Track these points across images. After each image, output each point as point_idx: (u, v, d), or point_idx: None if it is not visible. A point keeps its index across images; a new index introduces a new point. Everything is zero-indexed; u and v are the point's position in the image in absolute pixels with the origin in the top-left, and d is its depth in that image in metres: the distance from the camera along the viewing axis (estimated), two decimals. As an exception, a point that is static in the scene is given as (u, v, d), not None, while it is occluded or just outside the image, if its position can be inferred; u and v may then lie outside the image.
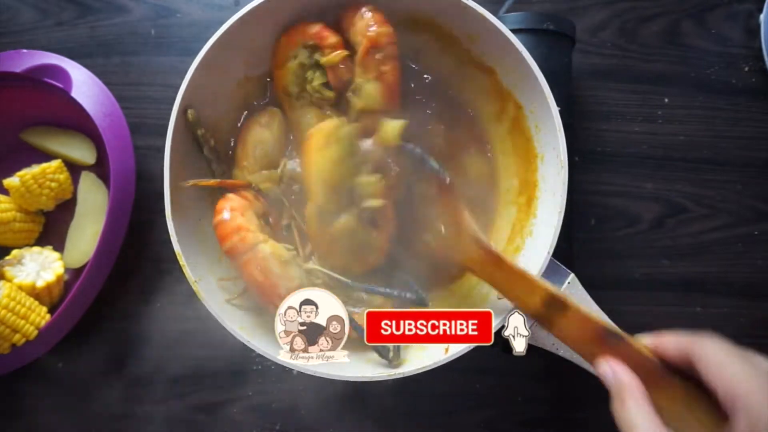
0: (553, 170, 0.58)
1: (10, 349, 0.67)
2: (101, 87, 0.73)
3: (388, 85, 0.61)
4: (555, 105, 0.57)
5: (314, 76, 0.63)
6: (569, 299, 0.50)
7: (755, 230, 0.77)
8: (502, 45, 0.59)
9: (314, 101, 0.64)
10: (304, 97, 0.64)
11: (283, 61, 0.64)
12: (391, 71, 0.61)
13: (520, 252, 0.62)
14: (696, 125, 0.78)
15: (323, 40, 0.62)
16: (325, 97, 0.64)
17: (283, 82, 0.65)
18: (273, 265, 0.58)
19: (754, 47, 0.79)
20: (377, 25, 0.60)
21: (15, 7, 0.82)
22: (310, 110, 0.64)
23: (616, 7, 0.80)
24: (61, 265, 0.72)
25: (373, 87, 0.61)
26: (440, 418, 0.73)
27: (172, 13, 0.81)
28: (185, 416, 0.74)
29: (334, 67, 0.62)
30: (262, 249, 0.58)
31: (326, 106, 0.65)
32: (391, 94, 0.62)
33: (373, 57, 0.60)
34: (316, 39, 0.62)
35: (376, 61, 0.61)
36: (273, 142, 0.65)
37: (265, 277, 0.58)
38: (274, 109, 0.66)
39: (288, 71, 0.64)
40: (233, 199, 0.61)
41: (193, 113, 0.62)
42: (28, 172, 0.71)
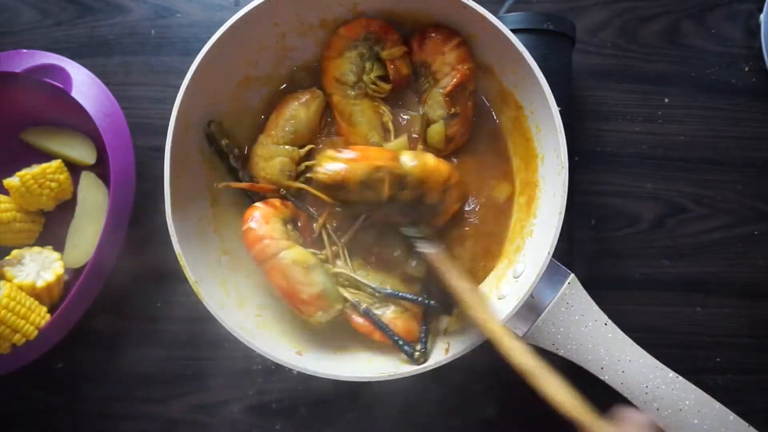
0: (554, 171, 0.58)
1: (10, 349, 0.67)
2: (101, 87, 0.73)
3: (467, 119, 0.66)
4: (555, 105, 0.57)
5: (372, 68, 0.65)
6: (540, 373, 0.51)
7: (755, 230, 0.77)
8: (502, 45, 0.59)
9: (369, 92, 0.66)
10: (360, 87, 0.66)
11: (340, 51, 0.65)
12: (472, 106, 0.66)
13: (520, 252, 0.62)
14: (696, 125, 0.78)
15: (386, 34, 0.65)
16: (381, 90, 0.66)
17: (337, 72, 0.66)
18: (295, 271, 0.59)
19: (754, 47, 0.79)
20: (467, 62, 0.64)
21: (15, 7, 0.82)
22: (363, 102, 0.66)
23: (616, 7, 0.80)
24: (61, 265, 0.72)
25: (455, 123, 0.65)
26: (440, 418, 0.73)
27: (172, 13, 0.81)
28: (185, 416, 0.74)
29: (394, 60, 0.65)
30: (285, 256, 0.59)
31: (379, 99, 0.67)
32: (469, 128, 0.67)
33: (463, 92, 0.65)
34: (379, 32, 0.64)
35: (464, 96, 0.65)
36: (305, 122, 0.66)
37: (287, 283, 0.59)
38: (317, 91, 0.67)
39: (345, 60, 0.65)
40: (260, 208, 0.62)
41: (216, 125, 0.64)
42: (28, 172, 0.71)
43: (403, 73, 0.66)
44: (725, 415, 0.56)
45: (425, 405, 0.73)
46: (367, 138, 0.66)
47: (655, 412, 0.57)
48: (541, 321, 0.59)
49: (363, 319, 0.61)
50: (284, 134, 0.66)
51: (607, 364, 0.58)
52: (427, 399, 0.73)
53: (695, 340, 0.75)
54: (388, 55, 0.65)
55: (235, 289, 0.63)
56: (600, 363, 0.58)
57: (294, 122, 0.66)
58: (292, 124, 0.66)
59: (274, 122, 0.66)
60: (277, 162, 0.65)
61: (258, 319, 0.62)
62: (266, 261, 0.60)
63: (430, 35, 0.64)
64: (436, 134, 0.65)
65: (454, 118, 0.64)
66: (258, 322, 0.62)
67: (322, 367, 0.58)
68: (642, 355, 0.58)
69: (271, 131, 0.66)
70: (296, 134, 0.66)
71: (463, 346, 0.58)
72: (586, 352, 0.59)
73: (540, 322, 0.59)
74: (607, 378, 0.58)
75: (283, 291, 0.59)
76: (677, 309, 0.75)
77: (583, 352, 0.59)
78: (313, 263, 0.60)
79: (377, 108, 0.67)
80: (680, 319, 0.75)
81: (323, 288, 0.59)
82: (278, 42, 0.66)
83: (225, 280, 0.63)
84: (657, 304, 0.75)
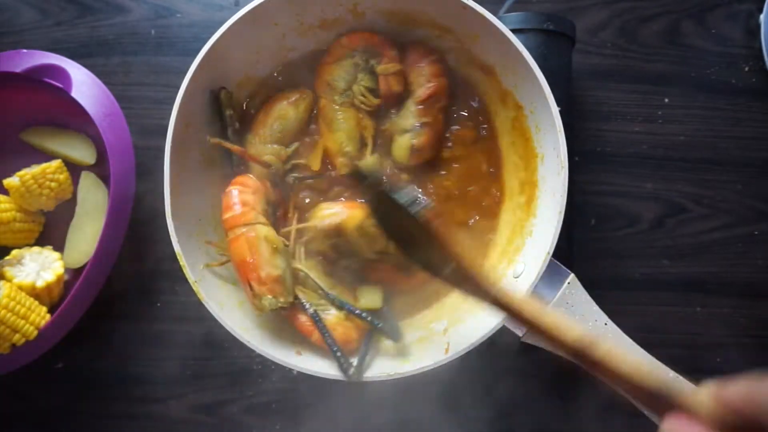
0: (553, 170, 0.58)
1: (10, 349, 0.67)
2: (101, 87, 0.73)
3: (436, 132, 0.66)
4: (555, 105, 0.57)
5: (364, 79, 0.66)
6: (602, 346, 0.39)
7: (755, 230, 0.77)
8: (502, 45, 0.59)
9: (356, 102, 0.66)
10: (348, 95, 0.66)
11: (337, 58, 0.66)
12: (442, 120, 0.67)
13: (520, 252, 0.62)
14: (696, 125, 0.78)
15: (386, 49, 0.65)
16: (369, 102, 0.66)
17: (330, 76, 0.66)
18: (263, 248, 0.59)
19: (754, 47, 0.79)
20: (443, 76, 0.66)
21: (15, 7, 0.82)
22: (347, 110, 0.66)
23: (616, 7, 0.80)
24: (61, 265, 0.72)
25: (423, 133, 0.65)
26: (440, 418, 0.73)
27: (172, 13, 0.81)
28: (185, 416, 0.74)
29: (388, 76, 0.65)
30: (259, 229, 0.60)
31: (365, 112, 0.67)
32: (437, 142, 0.67)
33: (434, 104, 0.65)
34: (378, 46, 0.65)
35: (435, 108, 0.66)
36: (294, 122, 0.67)
37: (251, 255, 0.59)
38: (307, 91, 0.68)
39: (340, 67, 0.66)
40: (251, 179, 0.63)
41: (227, 94, 0.64)
42: (28, 172, 0.71)
43: (394, 90, 0.66)
44: (725, 415, 0.56)
45: (425, 405, 0.73)
46: (342, 146, 0.66)
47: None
48: (541, 321, 0.59)
49: (305, 318, 0.61)
50: (272, 133, 0.66)
51: (607, 364, 0.58)
52: (427, 399, 0.73)
53: (695, 340, 0.75)
54: (383, 70, 0.65)
55: (235, 288, 0.63)
56: (600, 363, 0.58)
57: (283, 121, 0.66)
58: (280, 123, 0.66)
59: (263, 122, 0.66)
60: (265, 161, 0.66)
61: (258, 319, 0.62)
62: (238, 227, 0.59)
63: (409, 49, 0.66)
64: (399, 148, 0.66)
65: (424, 128, 0.65)
66: (258, 322, 0.62)
67: (321, 367, 0.58)
68: (642, 355, 0.58)
69: (259, 130, 0.66)
70: (284, 133, 0.66)
71: (463, 346, 0.58)
72: (586, 352, 0.58)
73: (540, 322, 0.59)
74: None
75: (243, 263, 0.59)
76: (677, 309, 0.75)
77: (583, 352, 0.58)
78: (281, 248, 0.61)
79: (361, 120, 0.67)
80: (680, 319, 0.75)
81: (282, 275, 0.59)
82: (278, 42, 0.66)
83: (225, 280, 0.63)
84: (657, 304, 0.75)
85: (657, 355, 0.58)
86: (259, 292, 0.58)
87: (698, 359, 0.74)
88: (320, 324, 0.59)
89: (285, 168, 0.67)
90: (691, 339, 0.75)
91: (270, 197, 0.64)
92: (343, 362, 0.57)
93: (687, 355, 0.74)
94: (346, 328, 0.61)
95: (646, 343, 0.59)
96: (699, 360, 0.74)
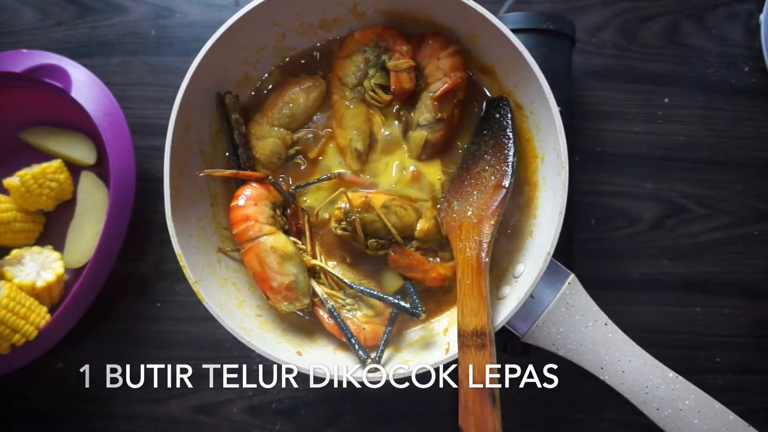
0: (554, 171, 0.58)
1: (10, 349, 0.67)
2: (101, 87, 0.73)
3: (452, 127, 0.66)
4: (555, 105, 0.57)
5: (375, 75, 0.65)
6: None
7: (755, 230, 0.77)
8: (502, 45, 0.59)
9: (366, 98, 0.66)
10: (358, 91, 0.66)
11: (349, 52, 0.66)
12: (458, 115, 0.66)
13: (520, 252, 0.62)
14: (696, 125, 0.78)
15: (397, 45, 0.65)
16: (379, 99, 0.66)
17: (341, 72, 0.66)
18: (271, 258, 0.60)
19: (754, 47, 0.79)
20: (461, 70, 0.64)
21: (15, 7, 0.82)
22: (358, 106, 0.66)
23: (616, 7, 0.80)
24: (61, 265, 0.72)
25: (439, 128, 0.65)
26: (440, 418, 0.73)
27: (172, 13, 0.81)
28: (185, 416, 0.74)
29: (399, 72, 0.64)
30: (265, 241, 0.60)
31: (375, 108, 0.67)
32: (452, 136, 0.67)
33: (452, 99, 0.65)
34: (390, 41, 0.65)
35: (452, 103, 0.65)
36: (304, 108, 0.67)
37: (261, 268, 0.60)
38: (321, 80, 0.68)
39: (351, 62, 0.66)
40: (252, 188, 0.63)
41: (231, 98, 0.64)
42: (28, 172, 0.71)
43: (405, 86, 0.64)
44: (725, 415, 0.56)
45: (425, 405, 0.73)
46: (351, 142, 0.66)
47: (655, 412, 0.57)
48: (541, 321, 0.59)
49: (323, 311, 0.62)
50: (280, 116, 0.66)
51: (607, 364, 0.58)
52: (426, 399, 0.73)
53: (695, 340, 0.75)
54: (393, 66, 0.64)
55: (235, 289, 0.63)
56: (600, 363, 0.58)
57: (292, 106, 0.66)
58: (290, 107, 0.66)
59: (273, 103, 0.66)
60: (269, 143, 0.66)
61: (258, 319, 0.62)
62: (246, 242, 0.61)
63: (428, 40, 0.64)
64: (413, 141, 0.66)
65: (439, 124, 0.64)
66: (258, 322, 0.62)
67: (322, 368, 0.58)
68: (642, 355, 0.58)
69: (268, 111, 0.66)
70: (292, 118, 0.66)
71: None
72: (586, 352, 0.58)
73: (540, 322, 0.59)
74: (607, 378, 0.58)
75: (256, 274, 0.61)
76: (677, 309, 0.75)
77: (583, 352, 0.59)
78: (292, 253, 0.61)
79: (371, 116, 0.66)
80: (680, 319, 0.75)
81: (294, 280, 0.60)
82: (278, 42, 0.66)
83: (225, 280, 0.63)
84: (657, 304, 0.75)
85: (657, 355, 0.58)
86: (275, 300, 0.61)
87: (698, 359, 0.74)
88: (338, 318, 0.60)
89: (288, 153, 0.67)
90: (691, 339, 0.75)
91: (276, 199, 0.64)
92: (363, 357, 0.58)
93: (687, 355, 0.74)
94: (375, 326, 0.62)
95: (646, 343, 0.59)
96: (699, 360, 0.74)
